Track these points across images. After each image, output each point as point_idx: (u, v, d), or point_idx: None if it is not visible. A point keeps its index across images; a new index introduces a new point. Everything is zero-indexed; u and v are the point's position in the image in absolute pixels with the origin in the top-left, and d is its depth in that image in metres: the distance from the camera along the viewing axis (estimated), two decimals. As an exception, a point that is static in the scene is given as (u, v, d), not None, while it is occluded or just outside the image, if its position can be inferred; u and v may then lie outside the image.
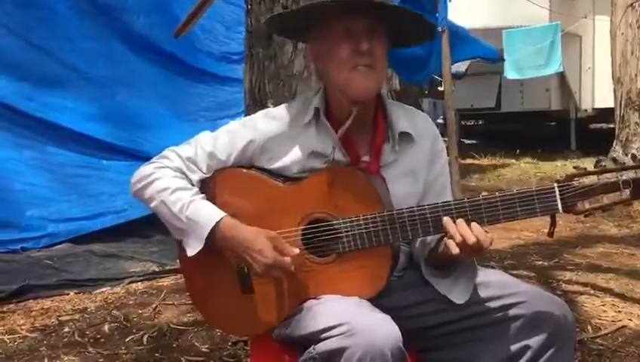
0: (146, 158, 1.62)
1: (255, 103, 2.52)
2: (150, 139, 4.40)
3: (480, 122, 12.63)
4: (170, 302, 3.06)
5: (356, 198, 1.43)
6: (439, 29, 4.52)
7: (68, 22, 4.51)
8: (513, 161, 8.39)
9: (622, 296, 3.00)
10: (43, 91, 4.33)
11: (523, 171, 7.64)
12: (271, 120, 1.55)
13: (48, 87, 4.36)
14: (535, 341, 1.39)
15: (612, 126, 8.03)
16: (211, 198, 1.51)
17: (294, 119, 1.54)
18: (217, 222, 1.44)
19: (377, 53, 1.45)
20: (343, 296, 1.41)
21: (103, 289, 3.33)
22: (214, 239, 1.45)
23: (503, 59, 6.92)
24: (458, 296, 1.45)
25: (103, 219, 4.11)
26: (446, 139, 4.56)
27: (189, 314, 2.85)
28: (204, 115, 4.80)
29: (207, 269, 1.53)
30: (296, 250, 1.43)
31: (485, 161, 8.45)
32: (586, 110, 9.16)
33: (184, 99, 4.83)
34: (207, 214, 1.46)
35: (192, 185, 1.52)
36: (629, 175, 1.32)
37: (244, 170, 1.54)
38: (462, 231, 1.35)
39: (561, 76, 8.78)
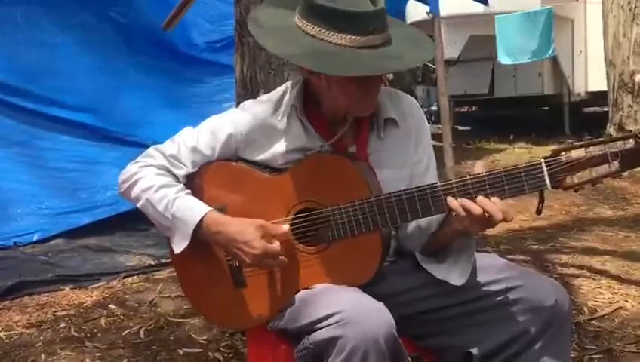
0: (139, 146, 1.61)
1: (247, 93, 2.50)
2: (142, 125, 4.39)
3: (474, 108, 12.61)
4: (167, 295, 3.05)
5: (343, 185, 1.42)
6: (429, 16, 4.50)
7: (56, 11, 4.47)
8: (507, 146, 8.38)
9: (618, 278, 3.00)
10: (32, 82, 4.30)
11: (517, 156, 7.63)
12: (252, 112, 1.54)
13: (37, 78, 4.32)
14: (532, 324, 1.39)
15: (606, 109, 8.03)
16: (198, 192, 1.50)
17: (275, 112, 1.52)
18: (202, 218, 1.43)
19: (381, 79, 1.46)
20: (336, 285, 1.40)
21: (99, 283, 3.31)
22: (201, 235, 1.44)
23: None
24: (456, 278, 1.44)
25: (94, 211, 4.09)
26: (440, 126, 4.56)
27: (185, 307, 2.84)
28: (195, 100, 4.78)
29: (199, 264, 1.52)
30: (286, 227, 1.42)
31: (479, 147, 8.45)
32: (579, 94, 9.14)
33: (174, 86, 4.81)
34: (191, 210, 1.45)
35: (178, 181, 1.51)
36: (616, 147, 1.30)
37: (231, 163, 1.53)
38: (466, 206, 1.33)
39: (554, 60, 8.75)
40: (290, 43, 1.38)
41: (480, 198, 1.33)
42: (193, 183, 1.52)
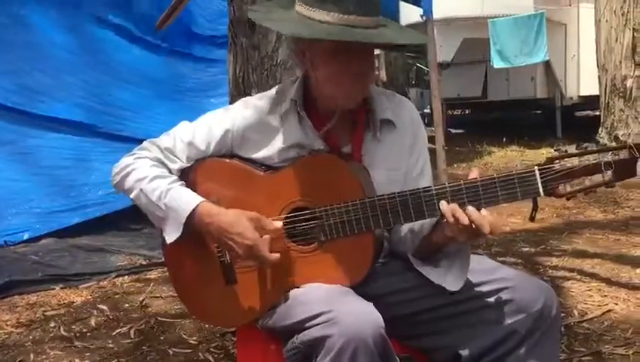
0: (130, 140, 1.61)
1: (240, 93, 2.49)
2: (134, 120, 4.38)
3: (467, 111, 12.66)
4: (158, 295, 3.05)
5: (337, 186, 1.42)
6: (423, 18, 4.51)
7: (45, 10, 4.46)
8: (499, 149, 8.42)
9: (608, 281, 3.02)
10: (21, 82, 4.28)
11: (509, 159, 7.67)
12: (249, 109, 1.54)
13: (26, 77, 4.31)
14: (521, 325, 1.39)
15: (597, 113, 8.08)
16: (191, 187, 1.50)
17: (273, 109, 1.53)
18: (195, 207, 1.43)
19: (369, 69, 1.45)
20: (326, 285, 1.40)
21: (90, 283, 3.30)
22: (193, 225, 1.44)
23: None
24: (452, 283, 1.43)
25: (85, 210, 4.07)
26: (433, 128, 4.57)
27: (176, 307, 2.84)
28: (188, 94, 4.77)
29: (191, 261, 1.52)
30: (279, 223, 1.42)
31: (472, 150, 8.48)
32: (571, 98, 9.20)
33: (167, 81, 4.79)
34: (185, 200, 1.45)
35: (172, 174, 1.51)
36: (610, 156, 1.30)
37: (225, 160, 1.53)
38: (456, 214, 1.33)
39: (547, 64, 8.81)
40: (282, 21, 1.45)
41: (470, 209, 1.32)
42: (187, 178, 1.52)
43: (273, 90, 1.58)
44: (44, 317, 2.83)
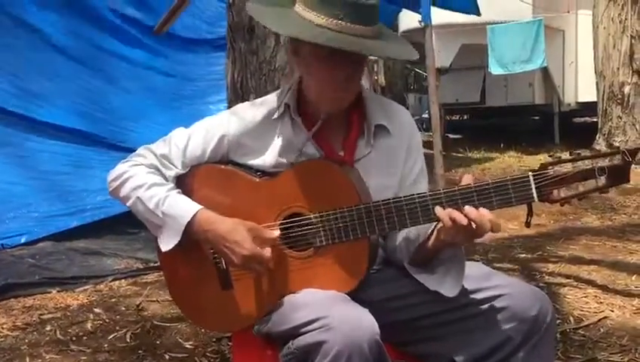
0: (129, 149, 1.62)
1: (238, 98, 2.51)
2: (133, 128, 4.40)
3: (465, 117, 12.69)
4: (154, 299, 3.04)
5: (333, 191, 1.42)
6: (421, 24, 4.53)
7: (47, 16, 4.48)
8: (497, 154, 8.44)
9: (604, 288, 3.02)
10: (21, 85, 4.29)
11: (507, 165, 7.69)
12: (245, 114, 1.55)
13: (26, 81, 4.32)
14: (516, 332, 1.39)
15: (595, 120, 8.11)
16: (188, 194, 1.50)
17: (268, 114, 1.53)
18: (194, 215, 1.43)
19: (355, 78, 1.45)
20: (322, 291, 1.40)
21: (86, 286, 3.29)
22: (192, 233, 1.44)
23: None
24: (449, 289, 1.43)
25: (83, 215, 4.08)
26: (431, 133, 4.58)
27: (172, 311, 2.83)
28: (185, 102, 4.77)
29: (187, 265, 1.52)
30: (277, 232, 1.42)
31: (470, 155, 8.50)
32: (569, 104, 9.24)
33: (166, 88, 4.80)
34: (183, 208, 1.45)
35: (168, 181, 1.51)
36: (604, 162, 1.31)
37: (221, 166, 1.54)
38: (453, 216, 1.33)
39: (545, 70, 8.84)
40: (280, 19, 1.44)
41: (467, 208, 1.33)
42: (183, 185, 1.52)
43: (269, 96, 1.59)
44: (40, 321, 2.83)
